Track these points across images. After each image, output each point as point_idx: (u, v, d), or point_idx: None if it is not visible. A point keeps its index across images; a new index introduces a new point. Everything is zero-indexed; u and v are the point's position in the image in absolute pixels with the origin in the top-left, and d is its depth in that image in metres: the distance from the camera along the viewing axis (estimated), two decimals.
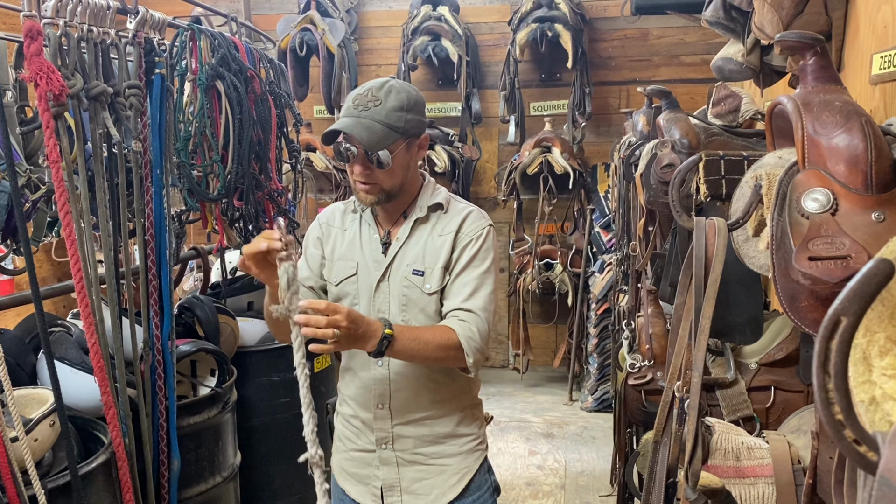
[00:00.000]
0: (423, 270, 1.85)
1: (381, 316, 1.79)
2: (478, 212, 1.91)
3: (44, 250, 4.19)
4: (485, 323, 1.81)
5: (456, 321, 1.80)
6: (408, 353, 1.75)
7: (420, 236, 1.87)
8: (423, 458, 1.93)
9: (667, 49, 5.57)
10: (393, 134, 1.77)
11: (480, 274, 1.83)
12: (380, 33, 5.88)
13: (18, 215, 1.75)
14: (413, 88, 1.86)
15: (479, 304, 1.81)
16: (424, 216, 1.88)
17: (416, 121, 1.82)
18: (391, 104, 1.77)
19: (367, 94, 1.79)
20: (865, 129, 1.03)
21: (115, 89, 2.00)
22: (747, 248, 1.24)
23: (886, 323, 0.65)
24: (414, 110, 1.81)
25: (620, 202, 3.33)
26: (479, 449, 1.98)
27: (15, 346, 2.12)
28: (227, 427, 2.58)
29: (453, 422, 1.94)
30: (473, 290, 1.82)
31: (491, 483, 2.00)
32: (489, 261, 1.86)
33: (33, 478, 1.66)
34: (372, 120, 1.76)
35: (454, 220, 1.87)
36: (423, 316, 1.86)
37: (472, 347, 1.78)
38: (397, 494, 1.94)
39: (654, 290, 2.42)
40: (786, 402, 1.81)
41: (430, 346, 1.74)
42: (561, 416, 5.00)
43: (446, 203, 1.90)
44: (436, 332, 1.78)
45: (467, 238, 1.84)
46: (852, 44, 2.07)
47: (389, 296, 1.87)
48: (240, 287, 3.22)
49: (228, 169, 2.62)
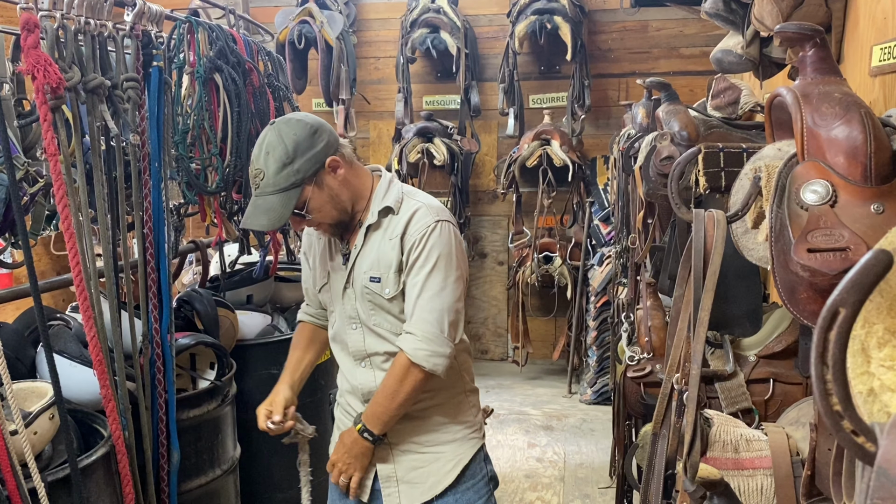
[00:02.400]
0: (378, 277, 1.87)
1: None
2: (424, 209, 1.87)
3: (42, 244, 4.18)
4: (433, 324, 1.81)
5: (403, 337, 1.85)
6: (385, 419, 1.86)
7: (374, 242, 1.89)
8: (418, 446, 1.95)
9: (666, 41, 5.56)
10: (290, 193, 1.78)
11: (425, 275, 1.82)
12: (378, 25, 5.86)
13: (16, 209, 1.75)
14: (291, 128, 1.79)
15: (426, 307, 1.81)
16: (376, 222, 1.89)
17: (308, 160, 1.78)
18: (272, 168, 1.77)
19: (254, 168, 1.81)
20: (865, 120, 1.02)
21: (112, 82, 1.99)
22: (746, 240, 1.24)
23: (885, 314, 0.65)
24: (299, 153, 1.77)
25: (619, 195, 3.33)
26: (475, 437, 2.00)
27: (14, 340, 2.12)
28: (226, 420, 2.58)
29: (446, 410, 1.96)
30: (418, 293, 1.83)
31: (487, 472, 2.01)
32: (433, 258, 1.82)
33: (33, 471, 1.67)
34: (265, 195, 1.79)
35: (401, 221, 1.86)
36: (391, 317, 1.90)
37: (422, 356, 1.81)
38: (394, 485, 1.95)
39: (653, 283, 2.42)
40: (785, 394, 1.81)
41: (397, 395, 1.83)
42: (560, 408, 5.00)
43: (396, 204, 1.88)
44: (392, 377, 1.84)
45: (411, 240, 1.84)
46: (852, 35, 2.07)
47: (356, 301, 1.93)
48: (239, 280, 3.22)
49: (227, 162, 2.61)
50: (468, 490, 1.96)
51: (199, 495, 2.44)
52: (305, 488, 2.22)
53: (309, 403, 3.03)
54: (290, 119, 1.82)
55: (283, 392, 2.05)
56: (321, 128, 1.83)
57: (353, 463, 1.91)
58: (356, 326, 1.95)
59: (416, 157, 5.15)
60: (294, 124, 1.80)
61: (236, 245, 3.17)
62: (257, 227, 1.81)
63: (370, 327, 1.92)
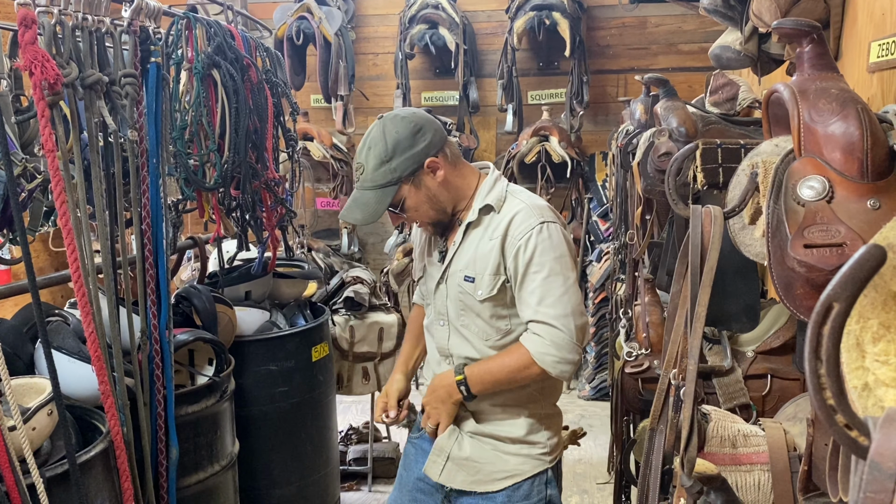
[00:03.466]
0: (473, 277, 1.84)
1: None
2: (527, 210, 1.82)
3: (40, 240, 4.19)
4: (561, 330, 1.77)
5: (529, 336, 1.81)
6: (486, 386, 1.85)
7: (472, 241, 1.86)
8: (483, 441, 1.93)
9: (665, 37, 5.56)
10: (386, 190, 1.78)
11: (543, 279, 1.77)
12: (377, 21, 5.85)
13: (14, 205, 1.74)
14: (395, 125, 1.79)
15: (549, 313, 1.77)
16: (476, 220, 1.86)
17: (407, 160, 1.78)
18: (372, 164, 1.78)
19: (356, 162, 1.83)
20: (861, 116, 1.03)
21: (110, 78, 1.99)
22: (743, 236, 1.24)
23: (879, 309, 0.65)
24: (398, 152, 1.77)
25: (618, 191, 3.33)
26: (541, 459, 1.94)
27: (12, 336, 2.12)
28: (225, 416, 2.59)
29: (518, 427, 1.93)
30: (540, 298, 1.77)
31: (545, 497, 1.94)
32: (549, 261, 1.78)
33: (31, 466, 1.67)
34: (363, 190, 1.80)
35: (503, 222, 1.82)
36: (480, 320, 1.88)
37: (548, 362, 1.78)
38: (443, 458, 1.95)
39: (651, 279, 2.43)
40: (782, 390, 1.81)
41: (503, 373, 1.82)
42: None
43: (498, 203, 1.85)
44: (507, 359, 1.83)
45: (515, 244, 1.79)
46: (850, 32, 2.07)
47: (447, 299, 1.91)
48: (237, 277, 3.21)
49: (225, 158, 2.61)
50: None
51: (197, 491, 2.45)
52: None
53: (308, 400, 3.05)
54: (397, 115, 1.81)
55: (398, 383, 2.07)
56: (426, 126, 1.81)
57: (439, 408, 1.91)
58: (443, 323, 1.94)
59: None
60: (398, 122, 1.79)
61: (234, 241, 3.17)
62: (351, 220, 1.81)
63: (457, 327, 1.91)
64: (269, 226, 3.02)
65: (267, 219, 2.99)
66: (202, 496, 2.48)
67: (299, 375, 2.99)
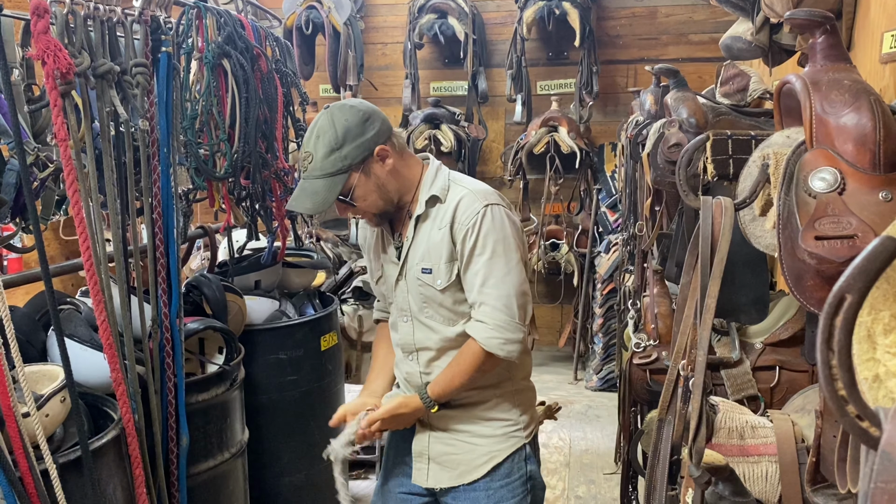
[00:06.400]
0: (430, 268, 1.86)
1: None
2: (470, 195, 1.83)
3: (52, 229, 4.21)
4: (503, 310, 1.79)
5: (473, 325, 1.83)
6: (453, 394, 1.88)
7: (424, 233, 1.87)
8: (454, 434, 1.95)
9: (675, 27, 5.52)
10: (336, 178, 1.78)
11: (486, 261, 1.79)
12: (386, 11, 5.84)
13: (27, 193, 1.76)
14: (343, 113, 1.79)
15: (492, 293, 1.79)
16: (424, 212, 1.87)
17: (357, 147, 1.78)
18: (321, 152, 1.77)
19: (304, 151, 1.82)
20: (874, 108, 1.02)
21: (122, 68, 2.00)
22: (754, 227, 1.24)
23: (892, 301, 0.66)
24: (348, 140, 1.77)
25: (627, 182, 3.33)
26: (516, 436, 1.95)
27: (25, 324, 2.13)
28: (234, 404, 2.61)
29: (489, 406, 1.94)
30: (483, 279, 1.80)
31: (526, 472, 1.96)
32: (492, 243, 1.79)
33: (45, 452, 1.69)
34: (312, 179, 1.79)
35: (449, 210, 1.83)
36: (444, 309, 1.89)
37: (494, 345, 1.80)
38: (424, 462, 1.97)
39: (660, 270, 2.43)
40: (790, 381, 1.81)
41: (465, 377, 1.84)
42: (566, 395, 5.02)
43: (443, 193, 1.86)
44: (462, 359, 1.85)
45: (462, 228, 1.80)
46: (863, 22, 2.05)
47: (408, 294, 1.91)
48: (247, 266, 3.23)
49: (235, 148, 2.62)
50: (501, 488, 1.92)
51: (208, 478, 2.47)
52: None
53: (317, 389, 3.06)
54: (345, 105, 1.82)
55: (361, 403, 2.03)
56: (374, 115, 1.82)
57: (398, 426, 1.94)
58: (407, 319, 1.94)
59: (423, 143, 5.14)
60: (347, 110, 1.79)
61: (244, 231, 3.18)
62: (301, 209, 1.81)
63: (421, 320, 1.91)
64: (279, 215, 3.03)
65: (276, 208, 3.00)
66: (212, 483, 2.50)
67: (308, 364, 3.01)
